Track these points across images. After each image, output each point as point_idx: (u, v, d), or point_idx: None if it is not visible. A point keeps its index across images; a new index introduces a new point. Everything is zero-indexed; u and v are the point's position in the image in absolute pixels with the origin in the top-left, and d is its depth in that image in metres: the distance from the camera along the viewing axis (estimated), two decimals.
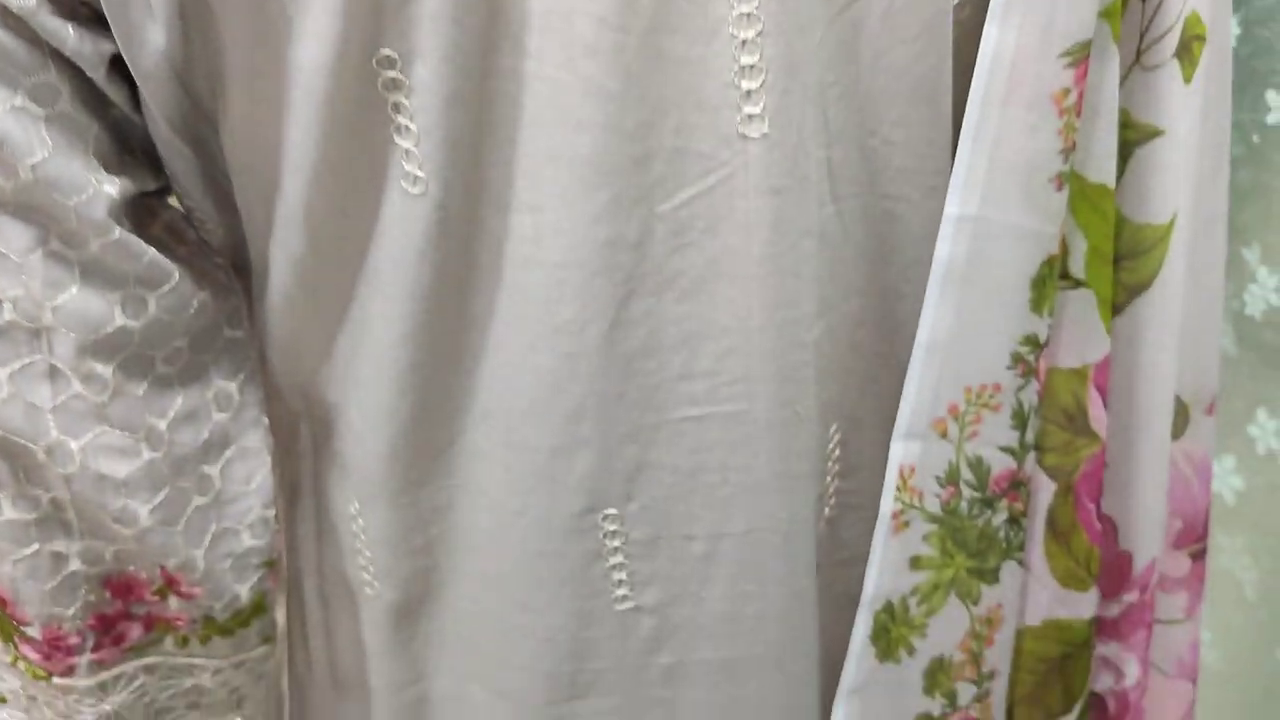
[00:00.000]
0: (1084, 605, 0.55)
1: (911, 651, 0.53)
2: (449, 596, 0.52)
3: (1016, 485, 0.52)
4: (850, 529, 0.54)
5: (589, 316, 0.43)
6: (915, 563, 0.52)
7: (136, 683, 0.49)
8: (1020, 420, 0.51)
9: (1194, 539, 0.64)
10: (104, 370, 0.43)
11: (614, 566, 0.48)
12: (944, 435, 0.50)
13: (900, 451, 0.50)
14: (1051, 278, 0.49)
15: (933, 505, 0.51)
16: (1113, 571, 0.58)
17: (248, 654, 0.51)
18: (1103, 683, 0.61)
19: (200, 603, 0.48)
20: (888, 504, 0.50)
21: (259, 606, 0.50)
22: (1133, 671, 0.61)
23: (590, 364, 0.44)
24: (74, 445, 0.43)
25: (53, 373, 0.42)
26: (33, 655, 0.47)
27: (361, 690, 0.56)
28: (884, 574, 0.51)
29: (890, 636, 0.53)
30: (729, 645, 0.50)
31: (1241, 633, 1.06)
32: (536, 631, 0.50)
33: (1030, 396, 0.51)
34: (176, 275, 0.43)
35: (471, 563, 0.50)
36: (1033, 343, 0.49)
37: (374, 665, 0.55)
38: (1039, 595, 0.55)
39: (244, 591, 0.49)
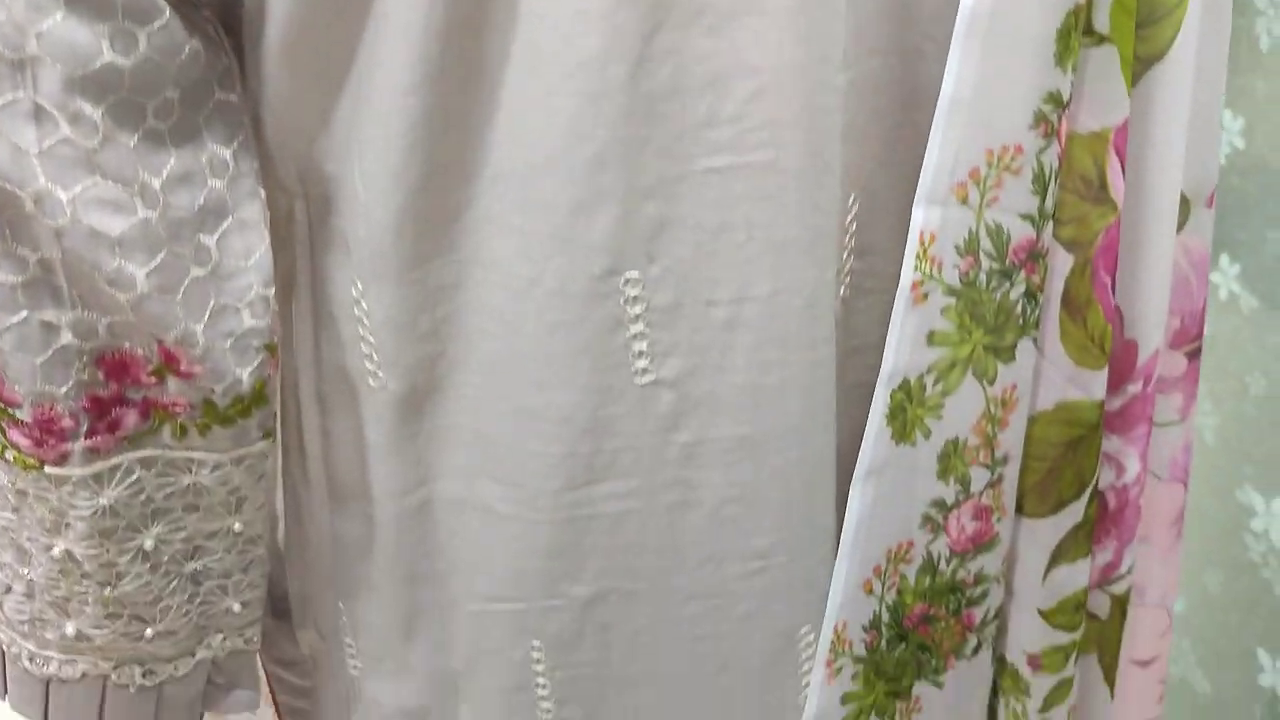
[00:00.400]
0: (1096, 385, 0.55)
1: (927, 434, 0.53)
2: (457, 386, 0.50)
3: (1035, 257, 0.51)
4: (863, 314, 0.53)
5: (612, 52, 0.41)
6: (933, 338, 0.51)
7: (133, 477, 0.47)
8: (1041, 185, 0.50)
9: (1190, 338, 0.64)
10: (93, 112, 0.40)
11: (634, 336, 0.47)
12: (964, 201, 0.49)
13: (921, 217, 0.49)
14: (1076, 30, 0.48)
15: (951, 277, 0.50)
16: (1118, 360, 0.58)
17: (248, 448, 0.49)
18: (1104, 478, 0.61)
19: (200, 384, 0.45)
20: (908, 274, 0.49)
21: (259, 395, 0.48)
22: (1133, 467, 0.61)
23: (613, 105, 0.42)
24: (64, 195, 0.40)
25: (38, 113, 0.39)
26: (23, 442, 0.44)
27: (362, 498, 0.54)
28: (901, 350, 0.51)
29: (907, 416, 0.52)
30: (749, 420, 0.49)
31: (1203, 477, 1.08)
32: (551, 412, 0.48)
33: (1051, 159, 0.49)
34: (167, 12, 0.40)
35: (481, 346, 0.48)
36: (1055, 100, 0.48)
37: (375, 469, 0.53)
38: (1052, 377, 0.55)
39: (245, 376, 0.46)
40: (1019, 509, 0.58)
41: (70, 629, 0.50)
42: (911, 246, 0.49)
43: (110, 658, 0.51)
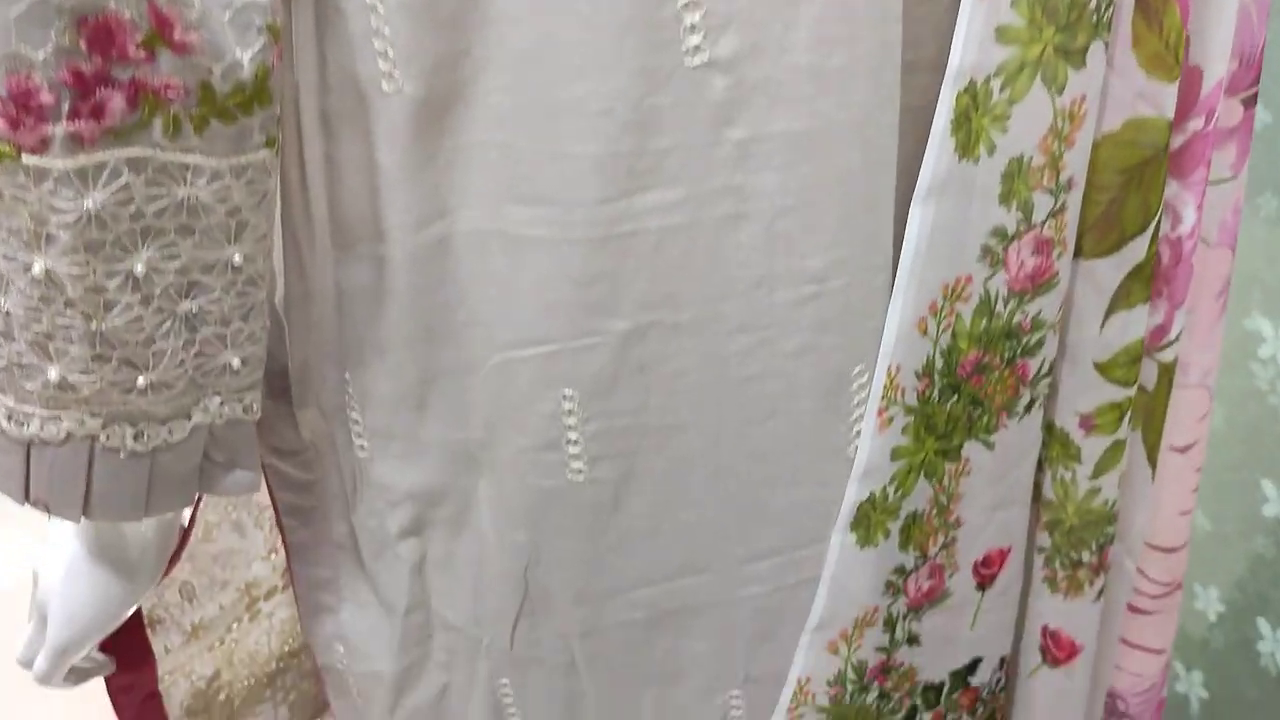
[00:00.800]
0: (1166, 101, 0.51)
1: (991, 149, 0.49)
2: (482, 92, 0.45)
3: None
4: (921, 23, 0.48)
5: None
6: (1001, 34, 0.46)
7: (120, 181, 0.41)
8: None
9: (1248, 84, 0.60)
10: None
11: (686, 5, 0.42)
12: None
13: None
14: None
15: None
16: (1181, 89, 0.54)
17: (249, 155, 0.43)
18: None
19: (196, 61, 0.40)
20: None
21: (261, 88, 0.42)
22: (1189, 216, 0.58)
23: None
24: None
25: None
26: None
27: (371, 237, 0.49)
28: (969, 46, 0.46)
29: (971, 127, 0.48)
30: (809, 111, 0.45)
31: None
32: (591, 103, 0.43)
33: None
34: None
35: (511, 36, 0.43)
36: None
37: (388, 199, 0.48)
38: (1120, 93, 0.51)
39: (246, 59, 0.41)
40: (1078, 251, 0.54)
41: (53, 374, 0.45)
42: None
43: (98, 413, 0.46)
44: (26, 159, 0.39)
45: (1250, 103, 0.61)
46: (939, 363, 0.52)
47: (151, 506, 0.50)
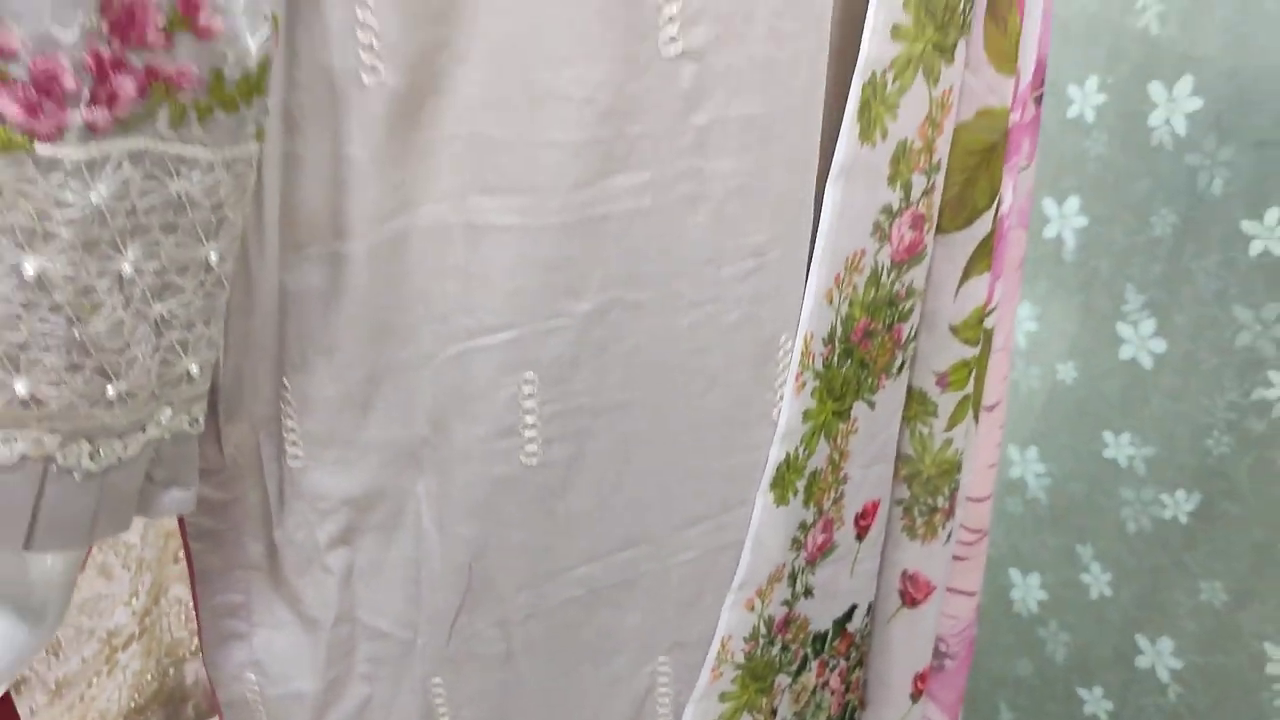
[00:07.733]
0: (1007, 93, 0.60)
1: (884, 134, 0.56)
2: (455, 84, 0.47)
3: None
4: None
5: None
6: (895, 32, 0.54)
7: (121, 174, 0.40)
8: None
9: (1039, 83, 0.71)
10: None
11: None
12: None
13: None
14: None
15: None
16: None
17: (242, 147, 0.43)
18: None
19: (215, 48, 0.40)
20: None
21: (262, 79, 0.42)
22: (1008, 198, 0.67)
23: None
24: None
25: None
26: (13, 109, 0.37)
27: (329, 236, 0.50)
28: (872, 41, 0.53)
29: (871, 115, 0.55)
30: (761, 99, 0.50)
31: None
32: (574, 90, 0.46)
33: None
34: None
35: (493, 27, 0.46)
36: None
37: (353, 195, 0.49)
38: (974, 85, 0.60)
39: (254, 46, 0.41)
40: (938, 226, 0.63)
41: (21, 388, 0.42)
42: None
43: (58, 429, 0.44)
44: (40, 149, 0.38)
45: (1039, 101, 0.72)
46: (839, 330, 0.59)
47: (96, 532, 0.48)
